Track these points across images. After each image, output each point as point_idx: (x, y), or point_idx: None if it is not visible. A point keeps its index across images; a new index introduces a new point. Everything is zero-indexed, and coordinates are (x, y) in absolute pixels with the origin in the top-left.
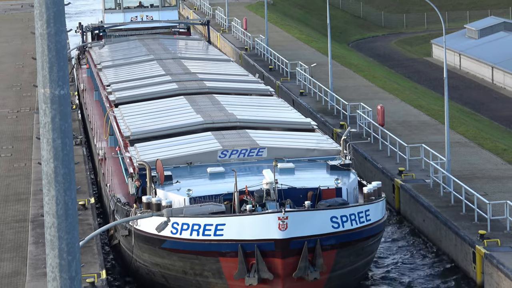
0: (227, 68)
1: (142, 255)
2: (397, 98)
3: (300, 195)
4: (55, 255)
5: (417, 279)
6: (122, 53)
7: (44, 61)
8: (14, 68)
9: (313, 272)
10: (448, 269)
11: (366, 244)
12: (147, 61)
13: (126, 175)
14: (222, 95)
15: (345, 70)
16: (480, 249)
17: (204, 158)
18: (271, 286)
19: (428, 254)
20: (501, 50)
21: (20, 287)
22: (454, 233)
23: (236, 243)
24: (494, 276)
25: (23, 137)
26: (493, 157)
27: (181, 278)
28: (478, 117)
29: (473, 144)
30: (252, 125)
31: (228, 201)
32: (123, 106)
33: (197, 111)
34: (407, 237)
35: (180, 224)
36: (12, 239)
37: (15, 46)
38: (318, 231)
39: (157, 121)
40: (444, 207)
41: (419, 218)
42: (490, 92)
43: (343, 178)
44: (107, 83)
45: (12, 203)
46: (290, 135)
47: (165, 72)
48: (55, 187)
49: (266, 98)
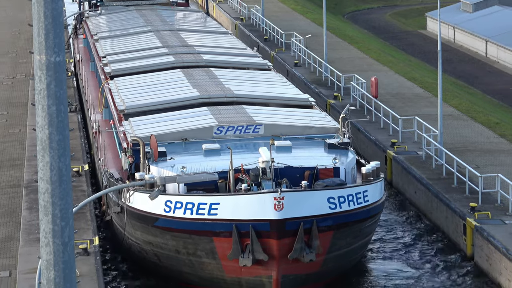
0: (225, 41)
1: (134, 233)
2: (391, 70)
3: (296, 174)
4: (49, 220)
5: (407, 251)
6: (119, 24)
7: (40, 28)
8: (11, 35)
9: (309, 254)
10: (439, 241)
11: (364, 225)
12: (144, 32)
13: (120, 150)
14: (219, 69)
15: (339, 41)
16: (470, 222)
17: (199, 134)
18: (265, 267)
19: (419, 226)
20: (495, 24)
21: (14, 252)
22: (445, 205)
23: (231, 223)
24: (485, 249)
25: (18, 103)
26: (486, 130)
27: (173, 257)
28: (471, 90)
29: (465, 117)
30: (249, 100)
31: (223, 179)
32: (118, 79)
33: (193, 85)
34: (398, 209)
35: (173, 202)
36: (5, 205)
37: (12, 13)
38: (314, 212)
39: (152, 95)
40: (435, 180)
41: (411, 190)
42: (484, 65)
43: (341, 157)
44: (103, 54)
45: (6, 168)
46: (288, 112)
47: (162, 44)
48: (50, 153)
49: (264, 72)
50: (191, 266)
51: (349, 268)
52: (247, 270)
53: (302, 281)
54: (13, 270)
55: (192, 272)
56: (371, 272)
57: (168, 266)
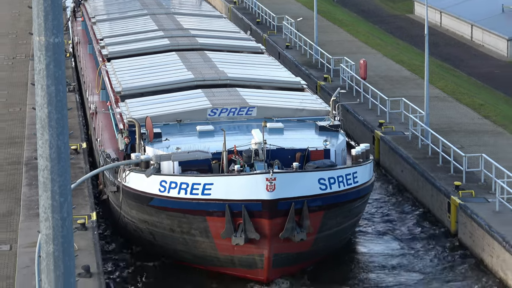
0: (219, 24)
1: (130, 212)
2: (380, 53)
3: (288, 156)
4: (48, 196)
5: (394, 229)
6: (117, 7)
7: (40, 10)
8: (10, 16)
9: (299, 233)
10: (424, 218)
11: (353, 206)
12: (141, 15)
13: (116, 131)
14: (213, 52)
15: (330, 25)
16: (455, 200)
17: (193, 116)
18: (257, 246)
19: (406, 204)
20: (481, 8)
21: (14, 226)
22: (430, 184)
23: (224, 203)
24: (468, 226)
25: (18, 83)
26: (470, 112)
27: (168, 235)
28: (457, 73)
29: (451, 98)
30: (242, 83)
31: (216, 160)
32: (115, 61)
33: (188, 67)
34: (386, 187)
35: (168, 182)
36: (6, 181)
37: None
38: (305, 193)
39: (148, 77)
40: (421, 159)
41: (398, 169)
42: (469, 49)
43: (331, 140)
44: (101, 37)
45: (7, 146)
46: (280, 94)
47: (158, 28)
48: (49, 132)
49: (257, 55)
50: (185, 244)
51: (339, 247)
52: (240, 248)
53: (293, 259)
54: (13, 244)
55: (186, 250)
56: (360, 250)
57: (162, 244)
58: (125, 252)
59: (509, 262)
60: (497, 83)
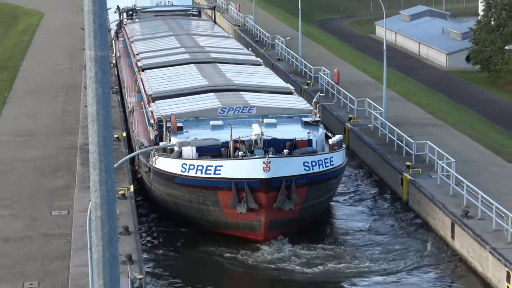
0: (227, 43)
1: (158, 187)
2: (349, 64)
3: (280, 144)
4: (96, 173)
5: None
6: (149, 29)
7: (90, 31)
8: (69, 36)
9: (289, 204)
10: (383, 190)
11: (330, 183)
12: (167, 36)
13: (148, 125)
14: (223, 64)
15: (311, 42)
16: (406, 176)
17: (207, 114)
18: (256, 214)
19: (369, 180)
20: (426, 30)
21: (71, 196)
22: (388, 164)
23: (230, 180)
24: (416, 195)
25: (74, 86)
26: (418, 109)
27: (188, 205)
28: (408, 79)
29: (403, 99)
30: (245, 88)
31: (225, 147)
32: (148, 71)
33: (203, 76)
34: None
35: (188, 164)
36: (65, 162)
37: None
38: (293, 173)
39: (173, 83)
40: (381, 145)
41: (363, 152)
42: (417, 61)
43: (313, 132)
44: (137, 52)
45: (66, 135)
46: (274, 97)
47: (180, 45)
48: (97, 124)
49: (256, 67)
50: (201, 212)
51: (319, 215)
52: (243, 215)
53: (284, 224)
54: (70, 210)
55: (202, 217)
56: (336, 216)
57: (183, 212)
58: (155, 217)
59: (447, 223)
60: (438, 87)
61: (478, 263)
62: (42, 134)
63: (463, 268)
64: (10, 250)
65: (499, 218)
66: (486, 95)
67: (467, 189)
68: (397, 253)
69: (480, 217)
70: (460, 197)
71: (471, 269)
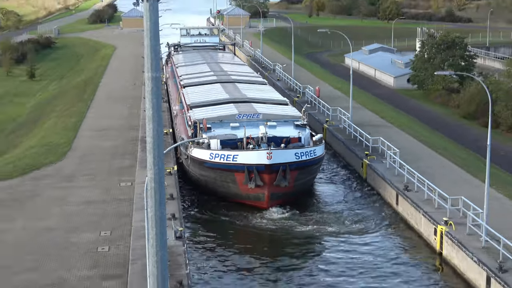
0: (243, 68)
1: (194, 169)
2: (326, 83)
3: (279, 140)
4: (151, 157)
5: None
6: (189, 59)
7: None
8: (134, 63)
9: (284, 182)
10: (349, 171)
11: (313, 168)
12: (201, 63)
13: (187, 126)
14: (240, 83)
15: (301, 68)
16: (365, 161)
17: (228, 118)
18: (261, 189)
19: (339, 164)
20: (379, 60)
21: (133, 172)
22: (353, 153)
23: (244, 165)
24: (372, 175)
25: (137, 97)
26: (373, 115)
27: (213, 182)
28: (367, 94)
29: (364, 108)
30: (255, 100)
31: (240, 142)
32: (187, 87)
33: (226, 92)
34: (329, 154)
35: (214, 154)
36: (130, 149)
37: (134, 51)
38: (287, 160)
39: (204, 97)
40: (349, 139)
41: (336, 144)
42: (373, 82)
43: (302, 132)
44: (180, 74)
45: (130, 130)
46: (275, 107)
47: (210, 70)
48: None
49: (263, 85)
50: (223, 187)
51: (306, 190)
52: (252, 190)
53: (281, 196)
54: (133, 182)
55: (224, 190)
56: (317, 191)
57: (211, 187)
58: (191, 189)
59: (393, 194)
60: (388, 100)
61: (415, 222)
62: (114, 130)
63: (404, 225)
64: (92, 209)
65: (429, 191)
66: (421, 106)
67: (408, 170)
68: (360, 214)
69: (416, 190)
70: (402, 176)
71: (409, 226)
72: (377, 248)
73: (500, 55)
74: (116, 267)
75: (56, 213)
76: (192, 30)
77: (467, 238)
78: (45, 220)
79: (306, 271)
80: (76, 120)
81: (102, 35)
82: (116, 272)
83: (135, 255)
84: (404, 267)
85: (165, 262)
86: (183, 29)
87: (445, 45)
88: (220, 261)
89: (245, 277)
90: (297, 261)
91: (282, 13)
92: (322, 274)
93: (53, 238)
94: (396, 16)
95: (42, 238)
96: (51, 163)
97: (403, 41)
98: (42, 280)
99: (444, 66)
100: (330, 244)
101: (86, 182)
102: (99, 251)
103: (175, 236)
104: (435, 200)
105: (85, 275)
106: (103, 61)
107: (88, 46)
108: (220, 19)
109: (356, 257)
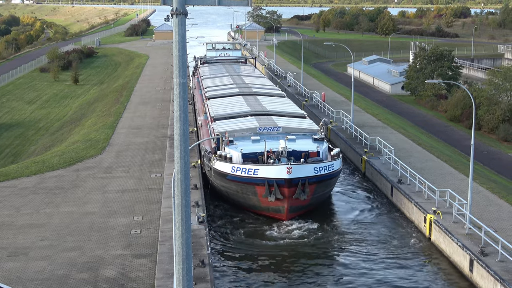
0: (263, 81)
1: (216, 181)
2: (331, 90)
3: (298, 154)
4: (178, 152)
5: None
6: (214, 71)
7: (177, 67)
8: (164, 70)
9: (303, 195)
10: (351, 166)
11: (331, 182)
12: (225, 76)
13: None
14: (260, 96)
15: (308, 76)
16: (364, 158)
17: (249, 131)
18: (281, 202)
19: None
20: (377, 70)
21: (162, 165)
22: (353, 150)
23: (264, 179)
24: (370, 170)
25: (166, 100)
26: (372, 117)
27: (235, 194)
28: (366, 99)
29: (364, 111)
30: (275, 113)
31: (261, 156)
32: (211, 99)
33: (247, 104)
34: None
35: (236, 167)
36: (160, 145)
37: (164, 60)
38: (307, 174)
39: (227, 109)
40: (350, 139)
41: (339, 143)
42: (372, 89)
43: (320, 145)
44: (205, 86)
45: (160, 129)
46: (293, 120)
47: (233, 82)
48: (179, 122)
49: (282, 98)
50: (244, 199)
51: (323, 202)
52: (272, 203)
53: (300, 208)
54: (162, 173)
55: (245, 202)
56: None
57: (233, 198)
58: (214, 199)
59: (388, 186)
60: (384, 104)
61: (407, 211)
62: (146, 128)
63: (398, 214)
64: (126, 197)
65: (420, 184)
66: (413, 110)
67: (401, 166)
68: (359, 207)
69: (408, 183)
70: (396, 171)
71: (402, 214)
72: (373, 234)
73: (483, 66)
74: (147, 247)
75: (95, 200)
76: (217, 45)
77: (453, 225)
78: (86, 205)
79: (316, 244)
80: (113, 120)
81: (137, 46)
82: (147, 251)
83: (163, 237)
84: (399, 250)
85: (189, 243)
86: (209, 44)
87: (434, 57)
88: (236, 245)
89: (256, 256)
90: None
91: (293, 28)
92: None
93: (93, 222)
94: (392, 32)
95: (83, 221)
96: (92, 156)
97: (398, 53)
98: (82, 258)
99: (433, 75)
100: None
101: (122, 173)
102: (132, 233)
103: (198, 221)
104: (425, 192)
105: (120, 254)
106: (138, 68)
107: (124, 55)
108: (239, 33)
109: (360, 244)
